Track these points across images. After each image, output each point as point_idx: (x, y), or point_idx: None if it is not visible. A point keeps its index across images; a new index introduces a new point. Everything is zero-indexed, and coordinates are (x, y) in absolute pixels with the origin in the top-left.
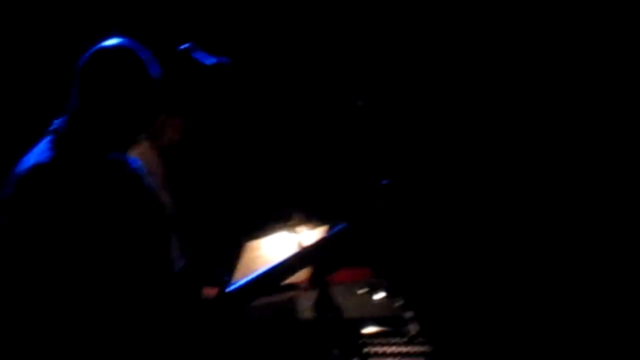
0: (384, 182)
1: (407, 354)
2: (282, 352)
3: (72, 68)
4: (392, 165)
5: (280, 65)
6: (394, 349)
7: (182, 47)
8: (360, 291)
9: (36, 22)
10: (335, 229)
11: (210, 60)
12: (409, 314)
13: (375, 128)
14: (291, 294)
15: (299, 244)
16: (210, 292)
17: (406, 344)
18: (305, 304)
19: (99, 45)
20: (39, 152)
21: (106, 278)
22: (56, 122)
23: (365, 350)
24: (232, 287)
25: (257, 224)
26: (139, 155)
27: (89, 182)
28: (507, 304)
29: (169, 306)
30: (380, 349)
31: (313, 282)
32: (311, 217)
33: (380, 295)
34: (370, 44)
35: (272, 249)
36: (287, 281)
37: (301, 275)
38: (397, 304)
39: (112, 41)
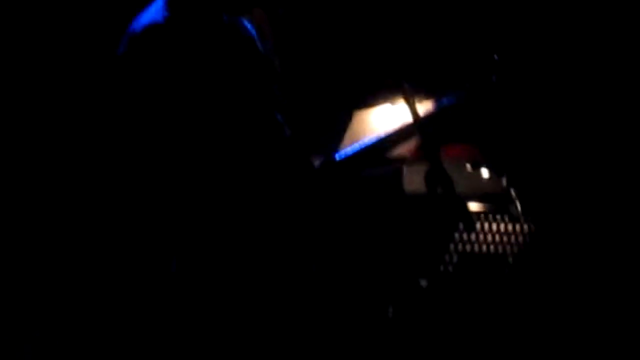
0: (495, 57)
1: (512, 232)
2: (390, 223)
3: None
4: (502, 41)
5: None
6: (499, 226)
7: None
8: (467, 167)
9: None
10: (445, 102)
11: None
12: (513, 193)
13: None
14: (398, 165)
15: (406, 116)
16: (317, 160)
17: (511, 221)
18: (413, 177)
19: None
20: (154, 11)
21: (215, 140)
22: None
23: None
24: (340, 156)
25: (366, 94)
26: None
27: (203, 42)
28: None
29: (278, 170)
30: (486, 226)
31: (421, 155)
32: (419, 90)
33: (486, 173)
34: None
35: (380, 119)
36: (394, 153)
37: (408, 147)
38: (502, 182)
39: None
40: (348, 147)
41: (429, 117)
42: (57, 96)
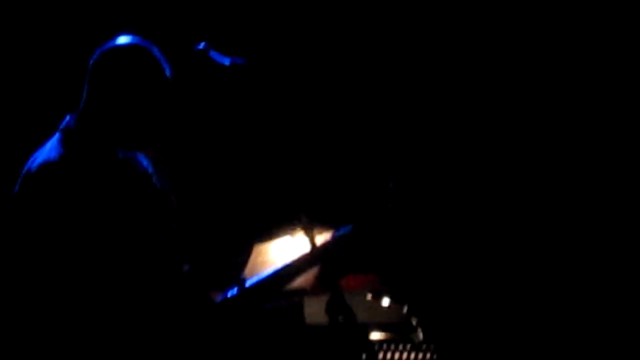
0: (390, 184)
1: None
2: (290, 356)
3: (83, 65)
4: (397, 168)
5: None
6: (400, 355)
7: (199, 46)
8: (367, 297)
9: (47, 21)
10: (342, 232)
11: (227, 61)
12: (414, 321)
13: (380, 130)
14: (298, 297)
15: (305, 247)
16: (216, 295)
17: (413, 350)
18: (313, 309)
19: (111, 43)
20: (49, 150)
21: (112, 277)
22: (67, 119)
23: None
24: (239, 290)
25: (264, 227)
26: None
27: (98, 180)
28: (511, 307)
29: (175, 307)
30: (388, 355)
31: (321, 285)
32: (316, 221)
33: (386, 302)
34: (376, 46)
35: (279, 252)
36: (293, 285)
37: (307, 279)
38: (403, 311)
39: (124, 39)
40: (248, 281)
41: (327, 247)
42: None
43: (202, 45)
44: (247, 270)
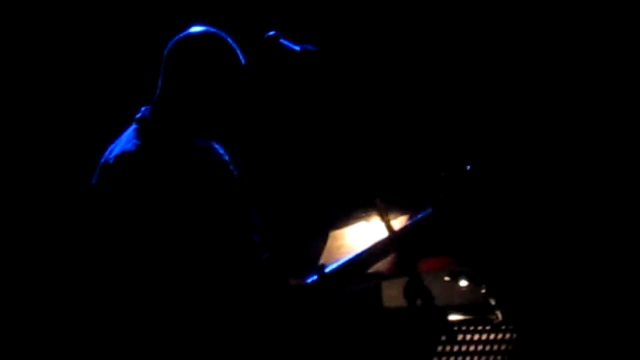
0: (467, 167)
1: (493, 341)
2: (371, 340)
3: (157, 57)
4: (473, 152)
5: (358, 52)
6: (479, 336)
7: (269, 34)
8: (445, 279)
9: (121, 17)
10: (419, 216)
11: (298, 47)
12: (492, 302)
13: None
14: (375, 282)
15: (381, 231)
16: (295, 281)
17: (491, 331)
18: (391, 292)
19: (185, 32)
20: (126, 140)
21: (193, 266)
22: (142, 109)
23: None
24: (318, 275)
25: (339, 213)
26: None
27: (175, 170)
28: (586, 295)
29: (256, 294)
30: (466, 336)
31: (398, 269)
32: (392, 205)
33: (464, 283)
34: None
35: (356, 237)
36: (371, 270)
37: (384, 263)
38: (481, 292)
39: (197, 28)
40: (326, 267)
41: (404, 231)
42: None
43: (272, 32)
44: (323, 257)
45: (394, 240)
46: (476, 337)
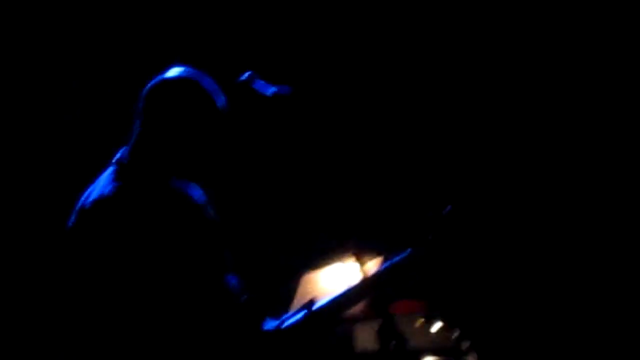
0: (429, 214)
1: None
2: None
3: (134, 97)
4: (449, 195)
5: (331, 96)
6: None
7: (242, 77)
8: (419, 321)
9: (97, 54)
10: (394, 260)
11: (270, 90)
12: (465, 345)
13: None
14: (348, 325)
15: (356, 275)
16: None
17: None
18: (364, 335)
19: (162, 76)
20: (103, 184)
21: (169, 308)
22: (119, 152)
23: None
24: (290, 321)
25: (313, 256)
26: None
27: (152, 213)
28: (561, 332)
29: (229, 339)
30: None
31: (372, 312)
32: (366, 249)
33: (437, 326)
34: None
35: (329, 280)
36: (346, 312)
37: (358, 305)
38: (454, 335)
39: (175, 70)
40: (299, 310)
41: (379, 274)
42: None
43: (246, 75)
44: (298, 299)
45: (370, 282)
46: None
